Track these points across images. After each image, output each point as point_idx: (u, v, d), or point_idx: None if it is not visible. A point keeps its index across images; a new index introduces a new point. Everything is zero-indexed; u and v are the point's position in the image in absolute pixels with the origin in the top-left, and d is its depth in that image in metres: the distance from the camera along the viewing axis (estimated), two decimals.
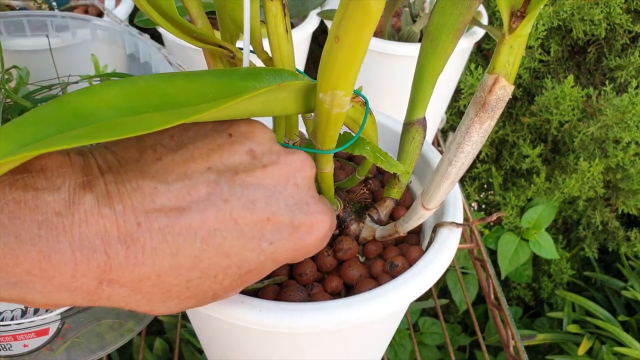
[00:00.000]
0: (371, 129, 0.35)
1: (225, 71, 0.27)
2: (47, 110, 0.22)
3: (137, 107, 0.23)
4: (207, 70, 0.27)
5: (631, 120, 0.83)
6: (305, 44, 0.78)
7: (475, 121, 0.29)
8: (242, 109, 0.26)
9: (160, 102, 0.24)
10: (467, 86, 0.95)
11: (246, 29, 0.30)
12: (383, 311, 0.33)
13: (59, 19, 0.64)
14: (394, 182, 0.40)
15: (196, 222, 0.25)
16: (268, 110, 0.28)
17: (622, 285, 1.02)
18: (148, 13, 0.28)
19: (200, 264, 0.25)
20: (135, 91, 0.24)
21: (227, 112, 0.26)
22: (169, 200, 0.24)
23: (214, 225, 0.25)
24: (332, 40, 0.24)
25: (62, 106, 0.22)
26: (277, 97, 0.28)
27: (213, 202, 0.25)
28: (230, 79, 0.26)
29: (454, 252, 0.37)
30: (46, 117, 0.21)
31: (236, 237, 0.26)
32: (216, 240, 0.25)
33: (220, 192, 0.25)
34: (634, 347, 0.90)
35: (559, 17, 0.87)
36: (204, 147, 0.26)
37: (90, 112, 0.22)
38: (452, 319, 1.06)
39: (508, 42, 0.27)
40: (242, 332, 0.37)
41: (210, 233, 0.25)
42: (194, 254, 0.25)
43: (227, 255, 0.26)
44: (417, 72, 0.35)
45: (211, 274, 0.26)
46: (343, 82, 0.26)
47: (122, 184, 0.24)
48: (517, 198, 0.98)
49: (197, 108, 0.23)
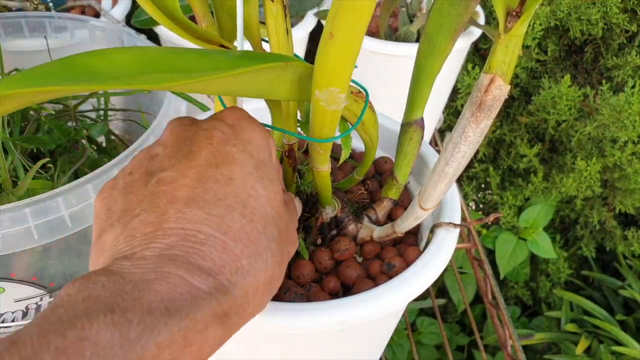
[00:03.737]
0: (372, 125, 0.35)
1: (233, 52, 0.28)
2: (55, 66, 0.22)
3: (144, 71, 0.23)
4: (216, 50, 0.27)
5: (628, 120, 0.83)
6: (302, 44, 0.79)
7: (471, 121, 0.30)
8: (248, 84, 0.26)
9: (167, 69, 0.24)
10: (464, 86, 0.95)
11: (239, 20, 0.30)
12: (381, 311, 0.33)
13: (57, 20, 0.64)
14: (392, 183, 0.40)
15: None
16: (274, 90, 0.28)
17: (620, 284, 1.02)
18: (151, 12, 0.28)
19: (244, 208, 0.27)
20: (145, 58, 0.24)
21: (232, 84, 0.26)
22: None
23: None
24: (327, 37, 0.24)
25: (72, 63, 0.22)
26: (283, 78, 0.27)
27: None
28: (237, 57, 0.26)
29: (452, 252, 0.37)
30: (53, 70, 0.22)
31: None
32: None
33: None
34: (631, 346, 0.90)
35: (556, 17, 0.87)
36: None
37: (99, 70, 0.22)
38: (450, 318, 1.06)
39: (504, 41, 0.27)
40: (240, 332, 0.37)
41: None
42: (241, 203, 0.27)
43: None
44: (415, 73, 0.35)
45: (257, 215, 0.27)
46: (338, 79, 0.26)
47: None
48: (514, 197, 0.98)
49: (205, 72, 0.23)
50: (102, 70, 0.22)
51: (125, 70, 0.23)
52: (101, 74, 0.22)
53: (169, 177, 0.27)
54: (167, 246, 0.25)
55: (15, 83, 0.20)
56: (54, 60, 0.22)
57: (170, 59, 0.24)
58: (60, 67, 0.22)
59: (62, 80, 0.21)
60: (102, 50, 0.23)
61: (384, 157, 0.47)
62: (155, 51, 0.24)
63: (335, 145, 0.45)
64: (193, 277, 0.24)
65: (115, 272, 0.23)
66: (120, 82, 0.22)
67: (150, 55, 0.24)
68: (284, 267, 0.29)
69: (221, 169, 0.27)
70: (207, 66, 0.24)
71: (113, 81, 0.22)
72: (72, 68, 0.22)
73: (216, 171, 0.27)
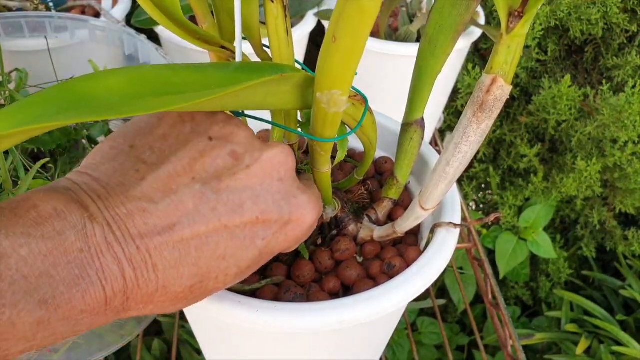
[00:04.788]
0: (371, 128, 0.35)
1: (227, 64, 0.28)
2: (52, 93, 0.22)
3: (141, 93, 0.23)
4: (210, 63, 0.27)
5: (628, 120, 0.83)
6: (302, 44, 0.78)
7: (472, 121, 0.30)
8: (244, 99, 0.26)
9: (163, 89, 0.24)
10: (464, 86, 0.95)
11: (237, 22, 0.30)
12: (381, 311, 0.33)
13: (57, 20, 0.64)
14: (392, 183, 0.40)
15: (188, 234, 0.26)
16: (269, 102, 0.28)
17: (620, 284, 1.02)
18: (151, 13, 0.28)
19: (199, 270, 0.26)
20: (139, 78, 0.24)
21: (229, 101, 0.26)
22: (159, 219, 0.25)
23: (206, 234, 0.26)
24: (330, 40, 0.24)
25: (67, 89, 0.22)
26: (278, 90, 0.28)
27: (202, 213, 0.26)
28: (232, 71, 0.26)
29: (452, 252, 0.37)
30: (50, 99, 0.22)
31: (229, 240, 0.27)
32: (210, 247, 0.26)
33: (207, 201, 0.26)
34: (632, 346, 0.90)
35: (556, 17, 0.87)
36: (186, 157, 0.27)
37: (94, 95, 0.22)
38: (450, 318, 1.06)
39: (506, 42, 0.27)
40: (240, 332, 0.37)
41: (203, 241, 0.26)
42: (191, 262, 0.26)
43: (224, 257, 0.27)
44: (416, 73, 0.35)
45: (212, 277, 0.27)
46: (340, 82, 0.26)
47: (114, 211, 0.25)
48: (514, 198, 0.98)
49: (199, 94, 0.23)
50: (100, 95, 0.23)
51: (122, 95, 0.23)
52: (99, 100, 0.22)
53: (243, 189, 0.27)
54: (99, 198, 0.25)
55: (13, 119, 0.20)
56: (52, 87, 0.22)
57: (166, 77, 0.24)
58: (59, 94, 0.22)
59: (62, 111, 0.21)
60: (97, 73, 0.23)
61: (384, 157, 0.47)
62: (149, 71, 0.24)
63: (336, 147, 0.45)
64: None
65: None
66: (118, 112, 0.22)
67: (145, 76, 0.24)
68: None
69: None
70: (203, 82, 0.25)
71: (112, 111, 0.22)
72: (71, 95, 0.22)
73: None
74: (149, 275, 0.25)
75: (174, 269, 0.25)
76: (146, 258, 0.24)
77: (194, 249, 0.26)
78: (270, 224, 0.28)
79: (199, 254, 0.26)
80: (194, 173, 0.26)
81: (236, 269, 0.28)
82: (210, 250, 0.26)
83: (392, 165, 0.45)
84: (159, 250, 0.25)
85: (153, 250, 0.25)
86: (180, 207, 0.26)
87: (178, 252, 0.25)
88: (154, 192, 0.25)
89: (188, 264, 0.26)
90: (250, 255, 0.28)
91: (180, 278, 0.26)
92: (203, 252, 0.26)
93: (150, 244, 0.25)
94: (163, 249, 0.25)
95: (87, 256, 0.23)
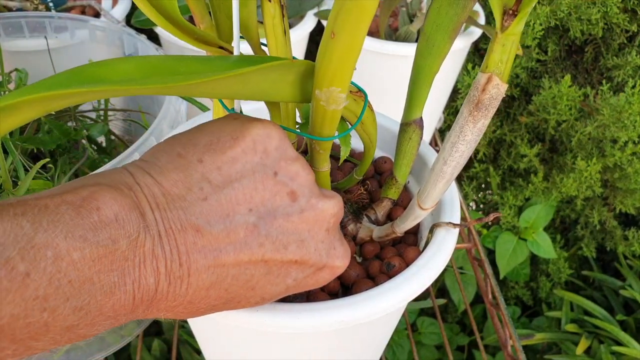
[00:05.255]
0: (371, 125, 0.35)
1: (232, 57, 0.28)
2: (64, 76, 0.23)
3: (149, 77, 0.24)
4: (217, 56, 0.27)
5: (628, 120, 0.83)
6: (302, 44, 0.79)
7: (469, 120, 0.30)
8: (251, 85, 0.26)
9: (171, 75, 0.24)
10: (464, 86, 0.95)
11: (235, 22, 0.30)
12: (380, 311, 0.33)
13: (57, 20, 0.64)
14: (392, 183, 0.40)
15: (230, 262, 0.26)
16: (274, 92, 0.28)
17: (620, 284, 1.02)
18: (147, 13, 0.28)
19: (228, 295, 0.28)
20: (148, 65, 0.24)
21: (238, 87, 0.26)
22: (209, 242, 0.26)
23: (246, 265, 0.27)
24: (328, 36, 0.24)
25: (78, 73, 0.23)
26: (284, 79, 0.28)
27: (249, 245, 0.27)
28: (237, 61, 0.26)
29: (451, 252, 0.37)
30: (62, 79, 0.22)
31: (264, 274, 0.28)
32: (245, 277, 0.27)
33: (257, 236, 0.27)
34: (632, 346, 0.90)
35: (556, 17, 0.87)
36: (249, 187, 0.27)
37: (104, 78, 0.23)
38: (450, 318, 1.06)
39: (500, 40, 0.27)
40: (240, 332, 0.37)
41: (241, 271, 0.27)
42: (224, 287, 0.27)
43: (253, 288, 0.28)
44: (414, 72, 0.35)
45: (235, 301, 0.29)
46: (339, 78, 0.26)
47: (169, 224, 0.25)
48: (514, 197, 0.98)
49: (204, 74, 0.24)
50: (110, 77, 0.23)
51: (130, 77, 0.24)
52: (110, 80, 0.23)
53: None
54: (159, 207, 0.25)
55: (26, 91, 0.21)
56: (63, 71, 0.23)
57: (172, 65, 0.25)
58: (70, 76, 0.23)
59: (75, 85, 0.22)
60: (107, 61, 0.24)
61: (383, 157, 0.47)
62: (156, 59, 0.25)
63: (335, 145, 0.45)
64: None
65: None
66: (128, 85, 0.23)
67: (153, 62, 0.25)
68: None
69: None
70: (208, 70, 0.25)
71: (123, 85, 0.23)
72: (81, 77, 0.23)
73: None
74: (180, 291, 0.26)
75: (205, 290, 0.26)
76: (184, 276, 0.25)
77: (231, 277, 0.27)
78: (305, 268, 0.29)
79: (232, 282, 0.27)
80: (252, 204, 0.27)
81: (259, 299, 0.29)
82: (244, 280, 0.27)
83: (391, 165, 0.45)
84: (199, 272, 0.26)
85: (194, 270, 0.25)
86: (231, 234, 0.26)
87: (215, 276, 0.26)
88: (212, 214, 0.26)
89: (220, 288, 0.27)
90: (277, 290, 0.29)
91: (207, 298, 0.27)
92: (237, 280, 0.27)
93: (193, 264, 0.25)
94: (202, 271, 0.26)
95: (130, 265, 0.24)
